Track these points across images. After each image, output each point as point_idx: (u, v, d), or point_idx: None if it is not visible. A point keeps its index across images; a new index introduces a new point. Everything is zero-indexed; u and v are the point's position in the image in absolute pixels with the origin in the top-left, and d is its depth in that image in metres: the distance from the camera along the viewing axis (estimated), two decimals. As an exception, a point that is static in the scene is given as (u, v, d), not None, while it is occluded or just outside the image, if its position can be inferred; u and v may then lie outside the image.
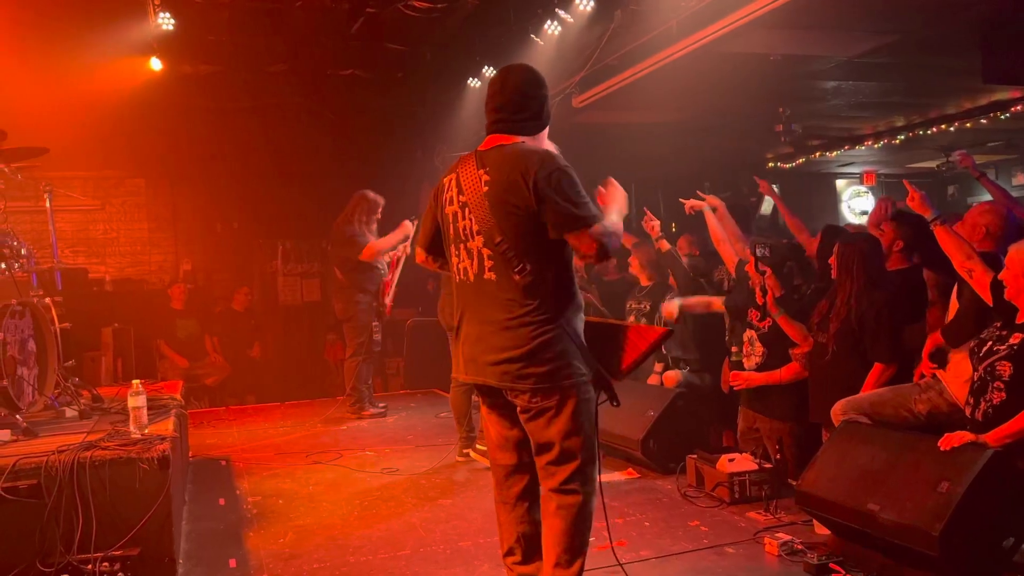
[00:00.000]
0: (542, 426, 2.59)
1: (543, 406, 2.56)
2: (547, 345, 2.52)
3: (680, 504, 4.19)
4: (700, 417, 4.98)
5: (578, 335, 2.59)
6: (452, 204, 2.69)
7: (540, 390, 2.54)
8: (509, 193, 2.52)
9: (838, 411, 3.71)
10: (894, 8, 5.29)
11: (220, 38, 7.31)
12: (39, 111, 6.47)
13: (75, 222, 8.58)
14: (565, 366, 2.54)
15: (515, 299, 2.54)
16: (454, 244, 2.71)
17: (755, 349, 4.59)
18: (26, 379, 4.09)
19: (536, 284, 2.53)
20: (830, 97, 7.58)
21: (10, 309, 3.95)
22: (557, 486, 2.61)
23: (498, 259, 2.55)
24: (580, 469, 2.60)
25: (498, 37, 6.91)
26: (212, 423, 6.74)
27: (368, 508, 4.31)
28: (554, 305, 2.55)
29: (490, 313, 2.59)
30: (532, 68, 2.73)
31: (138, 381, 3.77)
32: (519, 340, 2.53)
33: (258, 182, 9.01)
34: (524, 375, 2.53)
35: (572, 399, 2.56)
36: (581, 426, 2.58)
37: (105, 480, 3.26)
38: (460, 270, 2.69)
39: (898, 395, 3.66)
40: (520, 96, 2.66)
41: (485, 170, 2.59)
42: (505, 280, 2.55)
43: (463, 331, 2.73)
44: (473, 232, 2.60)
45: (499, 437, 2.79)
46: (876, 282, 4.01)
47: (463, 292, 2.71)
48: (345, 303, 6.46)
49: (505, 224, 2.52)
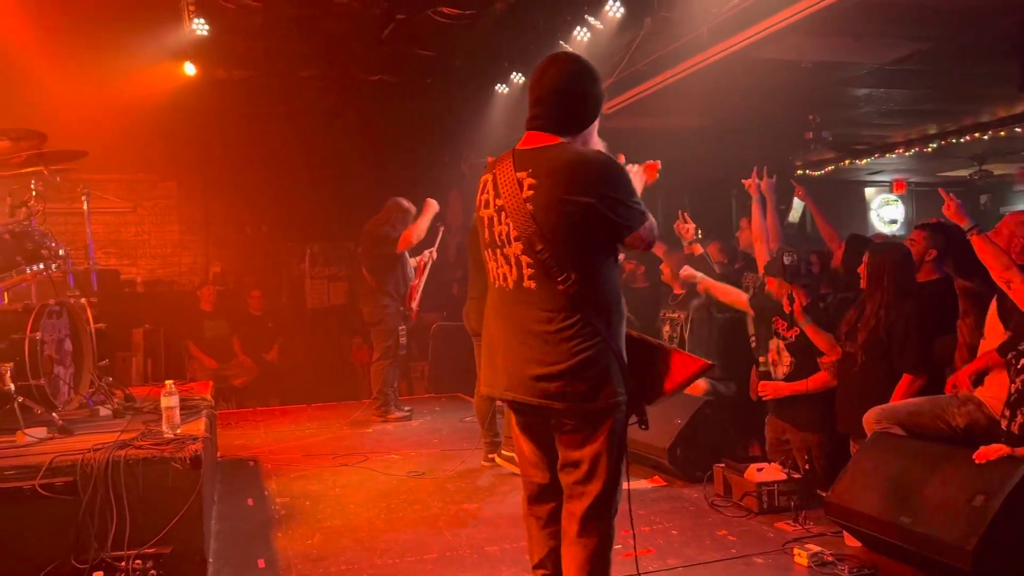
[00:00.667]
0: (575, 444, 2.45)
1: (579, 424, 2.42)
2: (590, 362, 2.35)
3: (707, 513, 4.16)
4: (727, 426, 4.95)
5: (621, 353, 2.43)
6: (488, 207, 2.50)
7: (579, 410, 2.39)
8: (557, 200, 2.34)
9: (871, 419, 3.65)
10: (929, 15, 5.25)
11: (252, 43, 7.42)
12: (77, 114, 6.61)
13: (107, 224, 8.72)
14: (606, 385, 2.38)
15: (556, 310, 2.36)
16: (490, 248, 2.54)
17: (783, 359, 4.56)
18: (62, 378, 4.17)
19: (581, 294, 2.35)
20: (862, 104, 7.52)
21: (48, 309, 4.03)
22: (584, 511, 2.47)
23: (539, 267, 2.37)
24: (606, 493, 2.46)
25: (527, 43, 6.94)
26: (240, 424, 6.81)
27: (394, 511, 4.33)
28: (598, 317, 2.38)
29: (529, 324, 2.41)
30: (578, 58, 2.51)
31: (171, 382, 3.81)
32: (560, 355, 2.36)
33: (287, 186, 9.11)
34: (563, 393, 2.36)
35: (609, 420, 2.41)
36: (613, 448, 2.44)
37: (139, 478, 3.30)
38: (499, 276, 2.52)
39: (935, 406, 3.59)
40: (559, 91, 2.44)
41: (527, 173, 2.39)
42: (547, 289, 2.37)
43: (496, 340, 2.55)
44: (511, 238, 2.42)
45: (532, 454, 2.63)
46: (906, 292, 3.97)
47: (500, 299, 2.54)
48: (373, 307, 6.50)
49: (549, 231, 2.34)
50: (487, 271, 2.61)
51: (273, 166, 8.96)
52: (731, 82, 6.38)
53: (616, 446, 2.45)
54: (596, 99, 2.52)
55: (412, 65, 8.03)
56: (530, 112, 2.50)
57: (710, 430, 4.76)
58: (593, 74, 2.51)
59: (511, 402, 2.56)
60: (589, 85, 2.49)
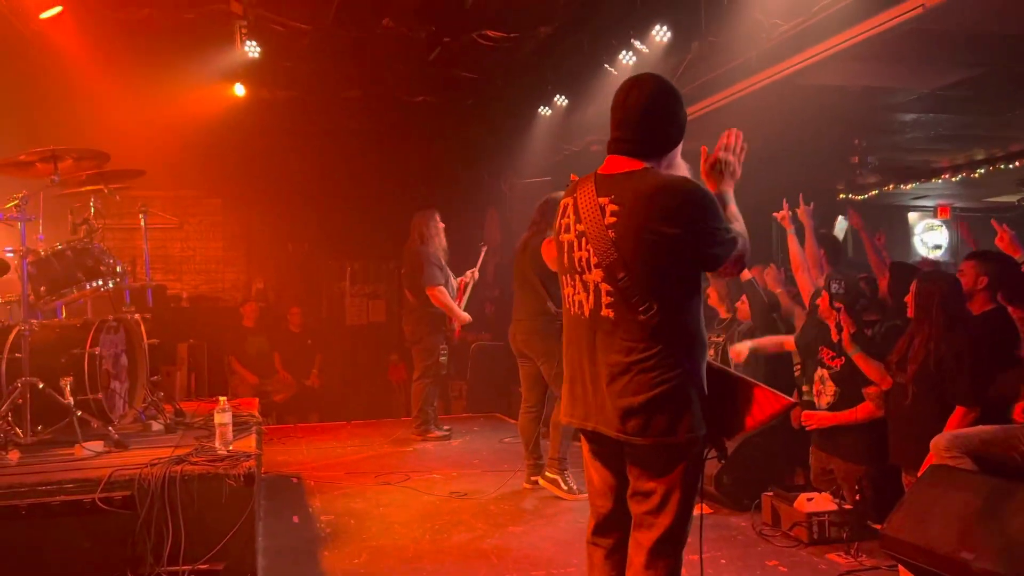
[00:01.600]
0: (649, 475, 2.39)
1: (655, 458, 2.37)
2: (669, 395, 2.30)
3: (756, 542, 4.11)
4: (773, 453, 4.89)
5: (702, 385, 2.37)
6: (568, 232, 2.45)
7: (656, 444, 2.33)
8: (641, 229, 2.29)
9: (941, 446, 3.52)
10: (980, 42, 5.20)
11: (298, 65, 7.58)
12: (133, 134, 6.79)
13: (154, 239, 8.83)
14: (686, 419, 2.32)
15: (636, 340, 2.31)
16: (568, 275, 2.48)
17: (827, 388, 4.51)
18: (118, 392, 4.25)
19: (662, 324, 2.30)
20: (908, 129, 7.45)
21: (107, 325, 4.12)
22: (652, 544, 2.40)
23: (619, 296, 2.32)
24: (676, 526, 2.39)
25: (571, 66, 6.99)
26: (281, 440, 6.86)
27: (439, 532, 4.34)
28: (679, 349, 2.32)
29: (607, 354, 2.36)
30: (661, 79, 2.45)
31: (224, 398, 3.87)
32: (638, 387, 2.30)
33: (329, 204, 9.23)
34: (641, 427, 2.32)
35: (687, 454, 2.36)
36: (687, 482, 2.38)
37: (194, 494, 3.35)
38: (575, 303, 2.47)
39: (1009, 435, 3.47)
40: (645, 114, 2.38)
41: (610, 199, 2.34)
42: (626, 319, 2.32)
43: (573, 369, 2.51)
44: (591, 264, 2.37)
45: (602, 484, 2.57)
46: (956, 324, 3.90)
47: (575, 327, 2.49)
48: (415, 325, 6.54)
49: (632, 259, 2.29)
50: (563, 296, 2.56)
51: (315, 184, 9.10)
52: (777, 106, 6.35)
53: (691, 481, 2.39)
54: (681, 121, 2.47)
55: (454, 87, 8.14)
56: (612, 135, 2.45)
57: (758, 458, 4.71)
58: (677, 95, 2.46)
59: (588, 432, 2.51)
60: (674, 107, 2.44)
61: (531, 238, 5.02)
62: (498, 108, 8.47)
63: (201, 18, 6.48)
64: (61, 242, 4.24)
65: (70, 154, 4.10)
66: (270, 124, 8.56)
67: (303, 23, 6.68)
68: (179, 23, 6.48)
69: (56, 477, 3.32)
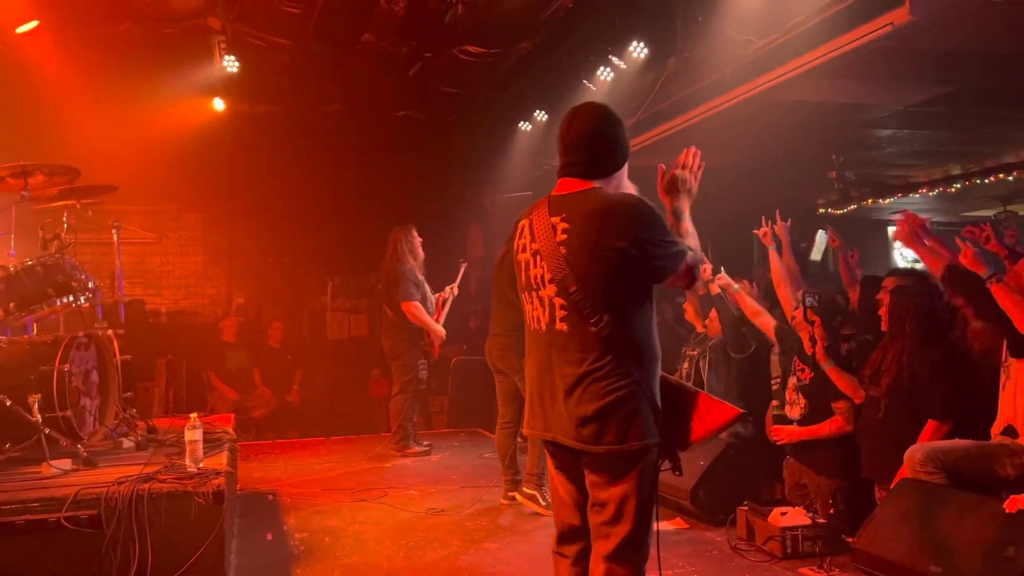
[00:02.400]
0: (603, 485, 2.45)
1: (609, 467, 2.43)
2: (621, 402, 2.37)
3: (730, 557, 4.10)
4: (750, 468, 4.89)
5: (654, 396, 2.44)
6: (525, 251, 2.58)
7: (609, 452, 2.39)
8: (591, 244, 2.40)
9: (917, 459, 3.53)
10: (952, 60, 5.25)
11: (279, 79, 7.57)
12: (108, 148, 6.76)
13: (133, 254, 8.83)
14: (636, 426, 2.38)
15: (589, 351, 2.40)
16: (526, 291, 2.60)
17: (798, 400, 4.53)
18: (88, 409, 4.21)
19: (613, 336, 2.39)
20: (885, 145, 7.52)
21: (77, 341, 4.09)
22: (610, 552, 2.45)
23: (572, 309, 2.42)
24: (635, 536, 2.44)
25: (551, 82, 7.03)
26: (259, 456, 6.81)
27: (414, 548, 4.31)
28: (630, 359, 2.40)
29: (562, 366, 2.46)
30: (602, 106, 2.60)
31: (195, 415, 3.84)
32: (592, 396, 2.39)
33: (311, 218, 9.21)
34: (595, 435, 2.39)
35: (639, 463, 2.41)
36: (642, 491, 2.42)
37: (162, 512, 3.32)
38: (533, 318, 2.57)
39: (985, 453, 3.49)
40: (589, 138, 2.53)
41: (561, 217, 2.46)
42: (579, 331, 2.42)
43: (533, 382, 2.60)
44: (545, 281, 2.48)
45: (567, 495, 2.62)
46: (930, 338, 3.93)
47: (535, 341, 2.59)
48: (394, 340, 6.52)
49: (583, 274, 2.40)
50: (524, 313, 2.65)
51: (296, 199, 9.08)
52: (754, 122, 6.41)
53: (646, 490, 2.43)
54: (624, 143, 2.59)
55: (437, 102, 8.15)
56: (562, 160, 2.57)
57: (734, 472, 4.72)
58: (618, 121, 2.58)
59: (548, 443, 2.58)
60: (617, 130, 2.57)
61: (507, 253, 5.02)
62: (479, 123, 8.50)
63: (180, 33, 6.47)
64: (31, 258, 4.21)
65: (41, 169, 4.09)
66: (251, 138, 8.55)
67: (282, 38, 6.68)
68: (157, 37, 6.46)
69: (21, 496, 3.28)
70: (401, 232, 6.54)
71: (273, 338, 8.71)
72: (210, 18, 6.22)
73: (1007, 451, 3.46)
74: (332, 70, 7.39)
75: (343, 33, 6.65)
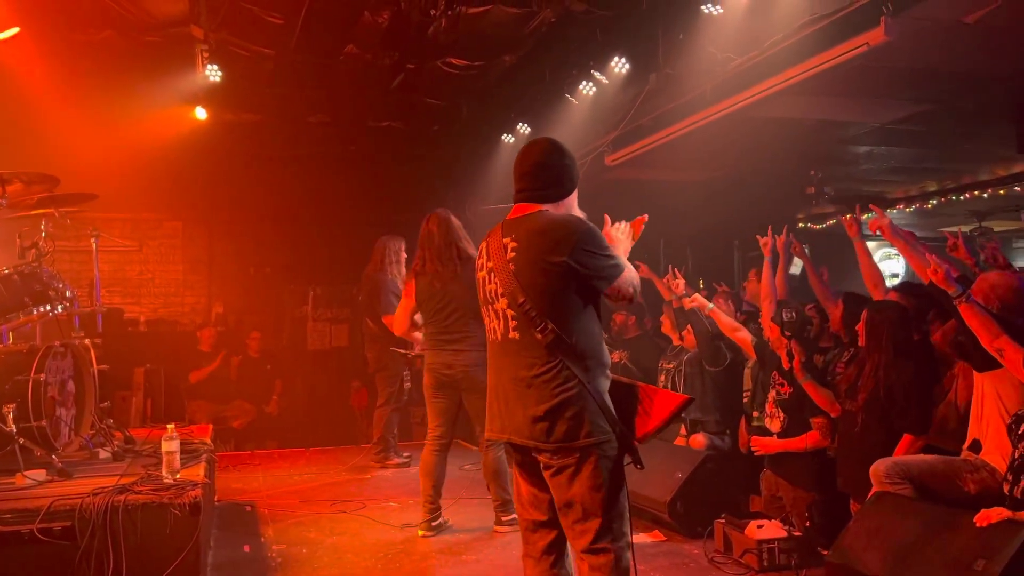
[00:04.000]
0: (563, 483, 2.63)
1: (563, 463, 2.61)
2: (568, 403, 2.58)
3: (707, 570, 4.12)
4: (727, 480, 4.92)
5: (600, 393, 2.64)
6: (482, 270, 2.83)
7: (560, 448, 2.59)
8: (535, 259, 2.64)
9: (880, 472, 3.58)
10: (928, 79, 5.35)
11: (262, 89, 7.55)
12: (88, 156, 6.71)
13: (112, 262, 8.76)
14: (584, 424, 2.58)
15: (538, 357, 2.63)
16: (484, 305, 2.84)
17: (777, 413, 4.57)
18: (64, 419, 4.17)
19: (558, 342, 2.61)
20: (862, 161, 7.63)
21: (53, 351, 4.05)
22: (587, 547, 2.61)
23: (521, 319, 2.66)
24: (606, 526, 2.60)
25: (534, 95, 7.07)
26: (238, 467, 6.77)
27: (391, 561, 4.30)
28: (576, 363, 2.61)
29: (515, 371, 2.69)
30: (553, 140, 2.86)
31: (172, 425, 3.82)
32: (541, 397, 2.61)
33: (292, 228, 9.19)
34: (545, 432, 2.60)
35: (592, 457, 2.59)
36: (603, 484, 2.59)
37: (137, 524, 3.29)
38: (491, 329, 2.81)
39: (949, 468, 3.53)
40: (540, 167, 2.78)
41: (511, 238, 2.72)
42: (528, 339, 2.65)
43: (493, 388, 2.82)
44: (498, 295, 2.73)
45: (529, 494, 2.81)
46: (905, 353, 3.98)
47: (493, 351, 2.83)
48: (378, 353, 6.51)
49: (529, 287, 2.64)
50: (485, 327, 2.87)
51: (278, 209, 9.05)
52: (734, 138, 6.48)
53: (607, 482, 2.60)
54: (572, 173, 2.84)
55: (420, 113, 8.17)
56: (516, 187, 2.83)
57: (711, 484, 4.74)
58: (568, 153, 2.85)
59: (507, 443, 2.79)
60: (564, 162, 2.82)
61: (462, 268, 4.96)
62: (462, 135, 8.52)
63: (162, 41, 6.43)
64: (8, 266, 4.18)
65: (19, 177, 4.07)
66: (233, 148, 8.52)
67: (266, 48, 6.68)
68: (140, 46, 6.43)
69: (-6, 507, 3.24)
70: (385, 242, 6.51)
71: (252, 348, 8.66)
72: (193, 27, 6.20)
73: (969, 467, 3.51)
74: (315, 80, 7.39)
75: (326, 44, 6.65)
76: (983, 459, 3.51)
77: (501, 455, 4.84)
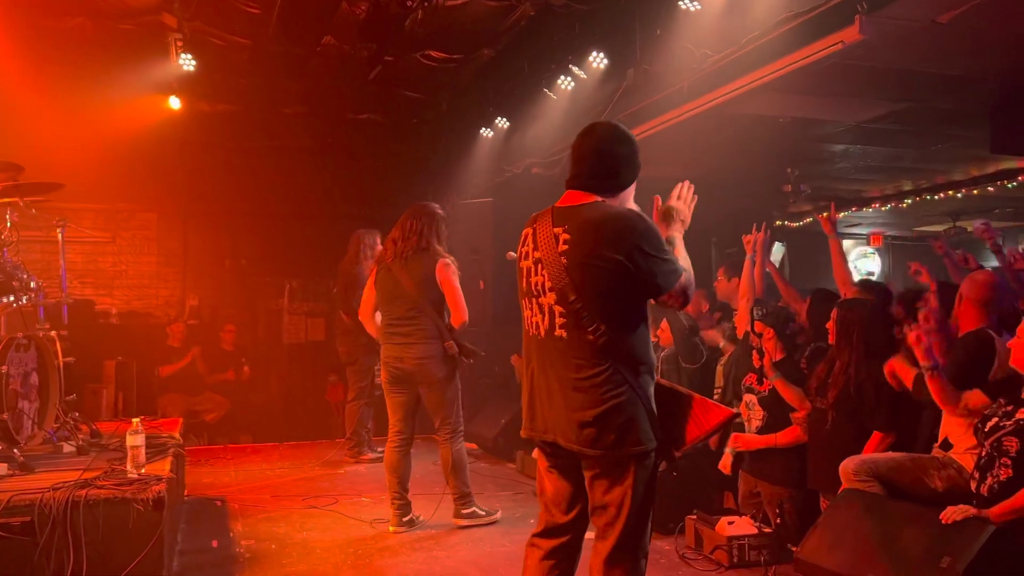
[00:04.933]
0: (603, 489, 2.55)
1: (607, 470, 2.53)
2: (618, 409, 2.48)
3: (678, 566, 4.12)
4: (700, 477, 4.92)
5: (649, 400, 2.54)
6: (527, 259, 2.66)
7: (607, 456, 2.50)
8: (591, 255, 2.49)
9: (849, 470, 3.60)
10: (903, 79, 5.38)
11: (239, 79, 7.47)
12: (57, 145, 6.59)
13: (85, 253, 8.64)
14: (634, 432, 2.49)
15: (587, 358, 2.50)
16: (526, 298, 2.69)
17: (755, 412, 4.57)
18: (26, 413, 4.09)
19: (610, 344, 2.48)
20: (838, 160, 7.66)
21: (15, 342, 3.97)
22: (608, 553, 2.56)
23: (571, 317, 2.52)
24: (629, 536, 2.54)
25: (512, 89, 7.03)
26: (210, 461, 6.69)
27: (361, 556, 4.26)
28: (627, 367, 2.50)
29: (560, 371, 2.56)
30: (616, 125, 2.71)
31: (138, 419, 3.76)
32: (589, 402, 2.49)
33: (269, 220, 9.10)
34: (592, 439, 2.49)
35: (636, 466, 2.51)
36: (639, 494, 2.53)
37: (99, 519, 3.24)
38: (532, 324, 2.67)
39: (917, 466, 3.55)
40: (597, 154, 2.62)
41: (563, 228, 2.55)
42: (577, 339, 2.51)
43: (533, 386, 2.69)
44: (545, 288, 2.57)
45: (556, 494, 2.72)
46: (876, 351, 4.00)
47: (534, 346, 2.68)
48: (350, 346, 6.46)
49: (582, 284, 2.49)
50: (523, 318, 2.73)
51: (255, 200, 8.96)
52: (711, 135, 6.49)
53: (642, 492, 2.54)
54: (632, 164, 2.66)
55: (399, 106, 8.12)
56: (569, 173, 2.66)
57: (684, 481, 4.74)
58: (630, 140, 2.68)
59: (546, 444, 2.67)
60: (623, 150, 2.65)
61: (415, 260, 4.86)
62: (441, 128, 8.48)
63: (135, 29, 6.35)
64: (-29, 256, 4.09)
65: (-19, 165, 3.97)
66: (209, 138, 8.43)
67: (242, 38, 6.60)
68: (112, 33, 6.34)
69: (-49, 502, 3.18)
70: (363, 235, 6.47)
71: (226, 340, 8.57)
72: (165, 15, 6.11)
73: (936, 464, 3.53)
74: (293, 71, 7.31)
75: (304, 34, 6.58)
76: (951, 456, 3.53)
77: (461, 448, 4.81)
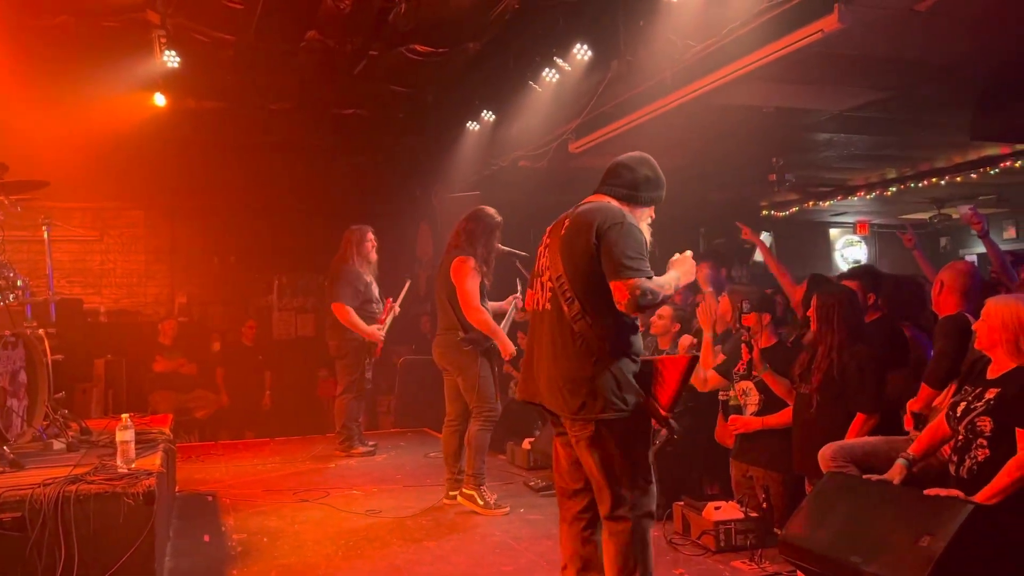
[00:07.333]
0: (584, 453, 2.83)
1: (583, 434, 2.81)
2: (589, 378, 2.77)
3: (665, 551, 4.17)
4: (687, 463, 4.97)
5: (622, 371, 2.80)
6: (542, 245, 3.07)
7: (579, 419, 2.79)
8: (577, 238, 2.84)
9: (827, 456, 3.67)
10: (885, 67, 5.42)
11: (224, 75, 7.44)
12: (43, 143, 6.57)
13: (72, 252, 8.63)
14: (601, 398, 2.75)
15: (568, 331, 2.82)
16: (534, 278, 3.09)
17: (751, 397, 4.61)
18: (15, 410, 4.10)
19: (583, 320, 2.79)
20: (823, 148, 7.71)
21: (3, 340, 3.98)
22: (607, 513, 2.83)
23: (558, 294, 2.87)
24: (623, 496, 2.79)
25: (498, 82, 7.05)
26: (201, 458, 6.71)
27: (353, 548, 4.29)
28: (605, 340, 2.78)
29: (546, 342, 2.90)
30: (646, 155, 3.08)
31: (127, 415, 3.77)
32: (566, 370, 2.81)
33: (257, 217, 9.11)
34: (564, 403, 2.81)
35: (609, 429, 2.77)
36: (619, 456, 2.78)
37: (89, 514, 3.26)
38: (533, 301, 3.08)
39: (891, 448, 3.61)
40: (621, 167, 3.02)
41: (570, 219, 2.95)
42: (557, 312, 2.87)
43: (528, 355, 3.04)
44: (544, 268, 2.98)
45: (566, 461, 3.01)
46: (857, 334, 4.05)
47: (534, 320, 3.07)
48: (339, 340, 6.48)
49: (568, 263, 2.85)
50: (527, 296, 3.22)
51: (242, 197, 8.96)
52: (696, 125, 6.52)
53: (620, 456, 2.79)
54: (649, 184, 3.02)
55: (385, 100, 8.10)
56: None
57: (672, 468, 4.78)
58: (654, 168, 3.06)
59: (543, 409, 3.00)
60: (647, 171, 3.03)
61: (446, 256, 5.05)
62: (428, 122, 8.47)
63: (119, 26, 6.31)
64: (-45, 255, 4.09)
65: (-34, 164, 3.97)
66: (196, 135, 8.39)
67: (226, 34, 6.58)
68: (96, 31, 6.30)
69: (-59, 499, 3.19)
70: (352, 232, 6.51)
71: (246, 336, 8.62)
72: (149, 11, 6.09)
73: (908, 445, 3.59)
74: (277, 67, 7.29)
75: (288, 29, 6.57)
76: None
77: (485, 433, 4.91)
